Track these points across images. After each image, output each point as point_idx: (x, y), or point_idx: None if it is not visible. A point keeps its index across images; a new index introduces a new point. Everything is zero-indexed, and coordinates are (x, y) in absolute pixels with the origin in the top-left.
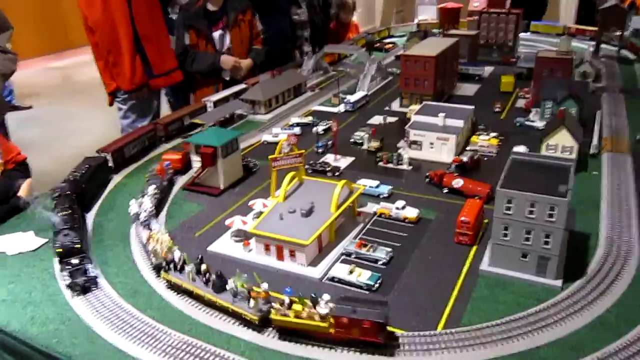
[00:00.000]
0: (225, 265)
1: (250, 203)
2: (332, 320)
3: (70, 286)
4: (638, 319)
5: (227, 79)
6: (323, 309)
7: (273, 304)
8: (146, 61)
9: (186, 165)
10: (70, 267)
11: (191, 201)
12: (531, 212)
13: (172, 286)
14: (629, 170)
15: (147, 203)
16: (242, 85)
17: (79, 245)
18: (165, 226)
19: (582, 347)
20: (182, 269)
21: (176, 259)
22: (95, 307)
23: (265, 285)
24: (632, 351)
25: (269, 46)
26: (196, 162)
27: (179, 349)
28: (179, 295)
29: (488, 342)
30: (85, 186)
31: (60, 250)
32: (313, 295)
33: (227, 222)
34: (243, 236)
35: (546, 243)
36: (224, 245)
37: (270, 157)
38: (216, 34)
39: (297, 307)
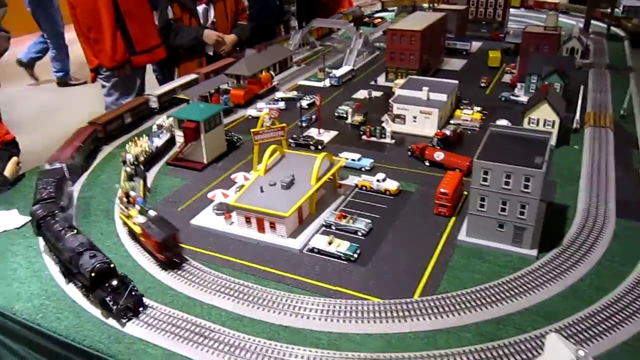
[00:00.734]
0: (208, 238)
1: (232, 177)
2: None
3: (117, 313)
4: (610, 287)
5: (211, 53)
6: (139, 219)
7: (125, 207)
8: (128, 38)
9: (248, 102)
10: (109, 290)
11: (175, 176)
12: (507, 183)
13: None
14: (610, 145)
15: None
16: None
17: (112, 265)
18: (148, 202)
19: (554, 314)
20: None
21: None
22: None
23: (132, 193)
24: (601, 317)
25: (255, 21)
26: (179, 137)
27: (161, 321)
28: (164, 269)
29: (463, 308)
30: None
31: (94, 273)
32: (144, 206)
33: (209, 195)
34: (225, 209)
35: (522, 213)
36: (206, 219)
37: (252, 130)
38: (200, 8)
39: (132, 212)
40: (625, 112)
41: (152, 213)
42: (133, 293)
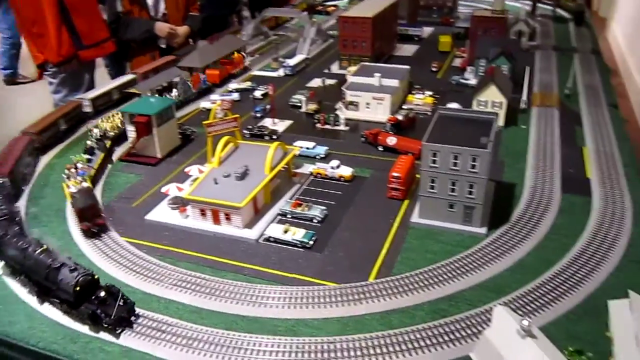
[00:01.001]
0: (163, 232)
1: (186, 170)
2: None
3: (111, 325)
4: (555, 260)
5: (164, 46)
6: (72, 188)
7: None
8: (74, 32)
9: (222, 82)
10: (98, 302)
11: (128, 172)
12: (455, 164)
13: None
14: (555, 123)
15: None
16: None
17: (95, 276)
18: (101, 199)
19: (502, 289)
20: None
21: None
22: None
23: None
24: (547, 289)
25: (206, 12)
26: (131, 132)
27: None
28: (117, 265)
29: (416, 288)
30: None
31: (78, 287)
32: (84, 177)
33: (163, 189)
34: (179, 203)
35: (470, 193)
36: (161, 214)
37: (204, 122)
38: (150, 0)
39: (71, 182)
40: (570, 91)
41: (84, 185)
42: (124, 302)
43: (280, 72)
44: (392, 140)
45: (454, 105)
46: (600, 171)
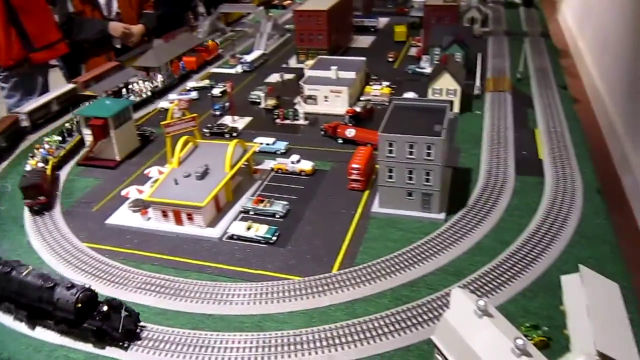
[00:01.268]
0: (125, 236)
1: (146, 172)
2: None
3: (120, 339)
4: (511, 240)
5: (119, 46)
6: (27, 167)
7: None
8: (24, 34)
9: (200, 67)
10: (101, 317)
11: (87, 176)
12: (411, 153)
13: None
14: (508, 107)
15: None
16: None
17: (94, 291)
18: (60, 205)
19: (462, 271)
20: None
21: None
22: None
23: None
24: (504, 268)
25: (161, 9)
26: (87, 135)
27: None
28: (79, 271)
29: (379, 276)
30: None
31: (80, 304)
32: (45, 157)
33: (123, 192)
34: (140, 205)
35: (427, 180)
36: (123, 217)
37: (162, 123)
38: (102, 0)
39: (32, 161)
40: (521, 75)
41: (40, 165)
42: (128, 313)
43: (239, 69)
44: (351, 132)
45: (410, 94)
46: (551, 152)
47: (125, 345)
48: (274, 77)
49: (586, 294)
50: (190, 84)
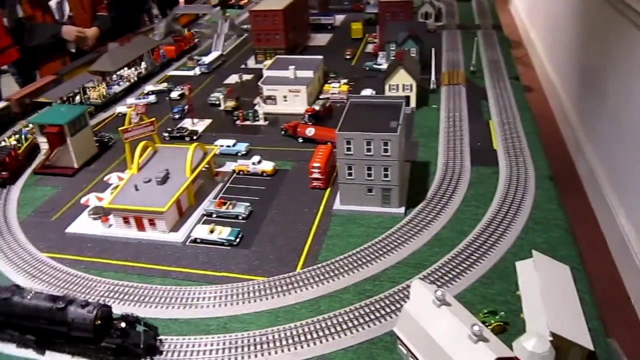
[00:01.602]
0: (86, 244)
1: (105, 178)
2: None
3: (145, 355)
4: (468, 230)
5: (73, 50)
6: None
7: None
8: None
9: (180, 55)
10: (120, 334)
11: (44, 185)
12: (369, 150)
13: None
14: (463, 100)
15: None
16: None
17: (110, 307)
18: (17, 215)
19: (422, 263)
20: None
21: None
22: None
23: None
24: (462, 258)
25: (114, 11)
26: (43, 143)
27: None
28: (40, 282)
29: (342, 272)
30: None
31: (99, 321)
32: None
33: (82, 200)
34: (101, 212)
35: (386, 176)
36: (83, 225)
37: (120, 129)
38: (53, 3)
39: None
40: (474, 67)
41: (13, 142)
42: (148, 328)
43: (197, 71)
44: (310, 131)
45: (368, 91)
46: (505, 141)
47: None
48: (233, 78)
49: (539, 278)
50: (148, 87)
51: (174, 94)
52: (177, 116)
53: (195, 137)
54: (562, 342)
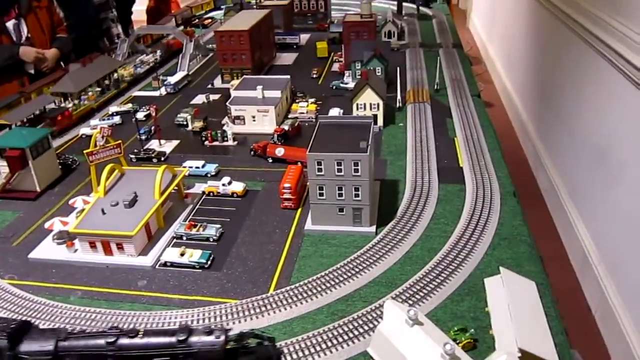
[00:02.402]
0: (51, 270)
1: (70, 202)
2: None
3: None
4: (438, 247)
5: (32, 72)
6: None
7: None
8: None
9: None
10: (249, 352)
11: (5, 209)
12: (340, 170)
13: None
14: (428, 117)
15: None
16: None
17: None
18: None
19: (394, 282)
20: None
21: None
22: None
23: None
24: (432, 276)
25: (74, 33)
26: (3, 167)
27: None
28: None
29: (315, 293)
30: None
31: (232, 342)
32: None
33: (46, 225)
34: (66, 237)
35: (357, 196)
36: (47, 250)
37: (85, 152)
38: (10, 24)
39: None
40: (438, 85)
41: None
42: (269, 341)
43: (162, 91)
44: (280, 151)
45: (335, 110)
46: (470, 159)
47: None
48: (200, 98)
49: (507, 294)
50: (113, 108)
51: (140, 115)
52: (143, 137)
53: (163, 159)
54: (530, 358)
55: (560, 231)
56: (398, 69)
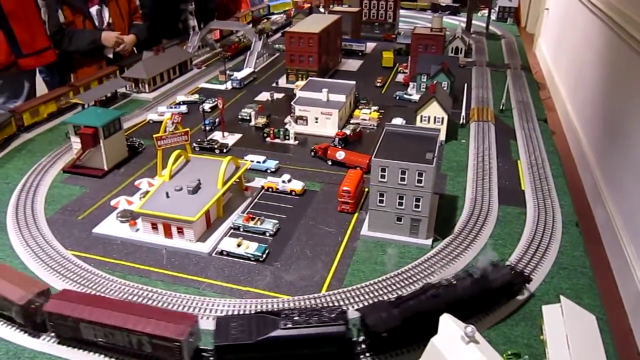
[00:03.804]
0: (112, 246)
1: (136, 183)
2: None
3: None
4: None
5: (110, 56)
6: None
7: None
8: (13, 39)
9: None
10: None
11: (72, 184)
12: (403, 179)
13: None
14: (492, 137)
15: None
16: None
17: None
18: (44, 212)
19: None
20: None
21: None
22: None
23: None
24: None
25: (150, 20)
26: (76, 143)
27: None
28: (63, 278)
29: (367, 299)
30: None
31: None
32: None
33: (112, 202)
34: (129, 216)
35: (417, 206)
36: (110, 227)
37: (154, 136)
38: (93, 10)
39: None
40: (504, 106)
41: None
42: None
43: (228, 85)
44: (341, 155)
45: (398, 120)
46: (532, 183)
47: None
48: (264, 96)
49: (566, 325)
50: (180, 97)
51: (207, 106)
52: (208, 128)
53: (225, 150)
54: None
55: (615, 269)
56: (465, 85)
